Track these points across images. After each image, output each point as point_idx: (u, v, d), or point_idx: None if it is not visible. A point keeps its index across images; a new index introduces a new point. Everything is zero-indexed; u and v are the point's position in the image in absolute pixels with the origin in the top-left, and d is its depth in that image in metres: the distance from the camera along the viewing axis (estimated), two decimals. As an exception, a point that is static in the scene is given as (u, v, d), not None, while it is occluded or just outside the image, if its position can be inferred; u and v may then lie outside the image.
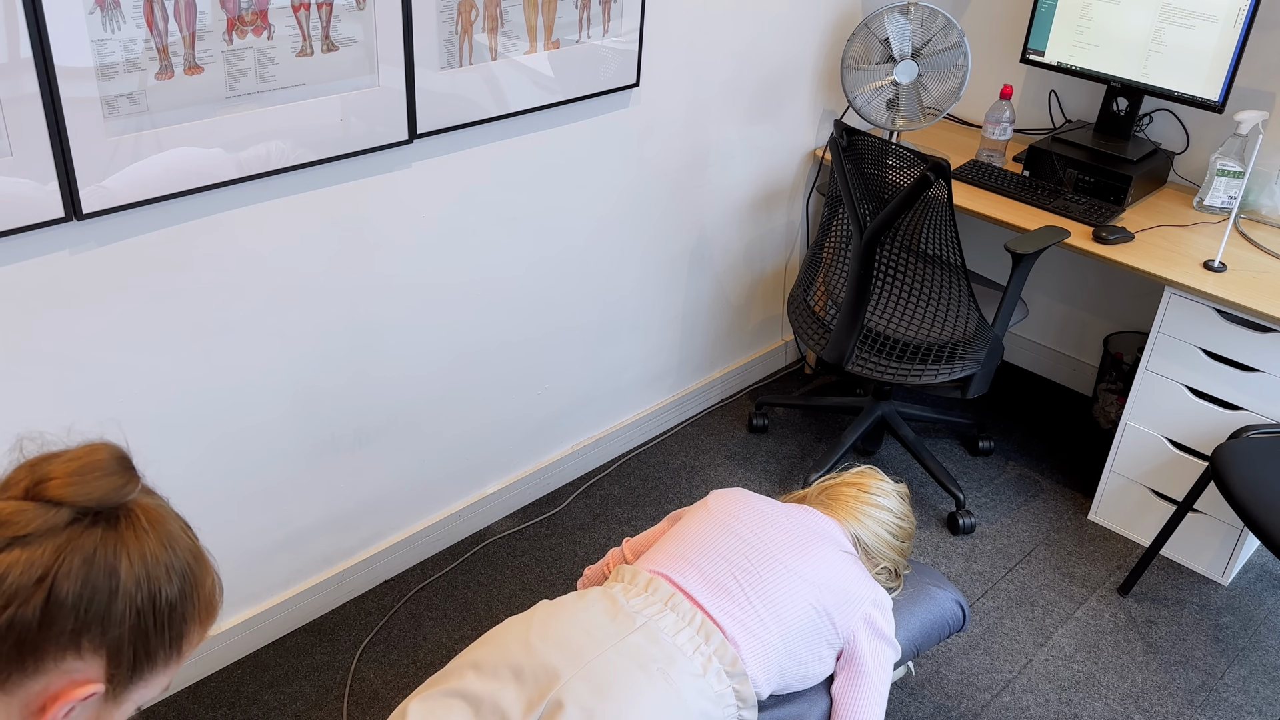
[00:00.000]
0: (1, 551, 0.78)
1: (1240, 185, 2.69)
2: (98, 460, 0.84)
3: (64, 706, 0.80)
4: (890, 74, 2.82)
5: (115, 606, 0.80)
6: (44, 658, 0.79)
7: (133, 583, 0.82)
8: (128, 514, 0.83)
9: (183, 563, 0.85)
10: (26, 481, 0.83)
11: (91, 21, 1.58)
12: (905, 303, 2.60)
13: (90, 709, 0.84)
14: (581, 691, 1.43)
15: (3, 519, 0.80)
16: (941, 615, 1.96)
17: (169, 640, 0.85)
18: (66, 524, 0.81)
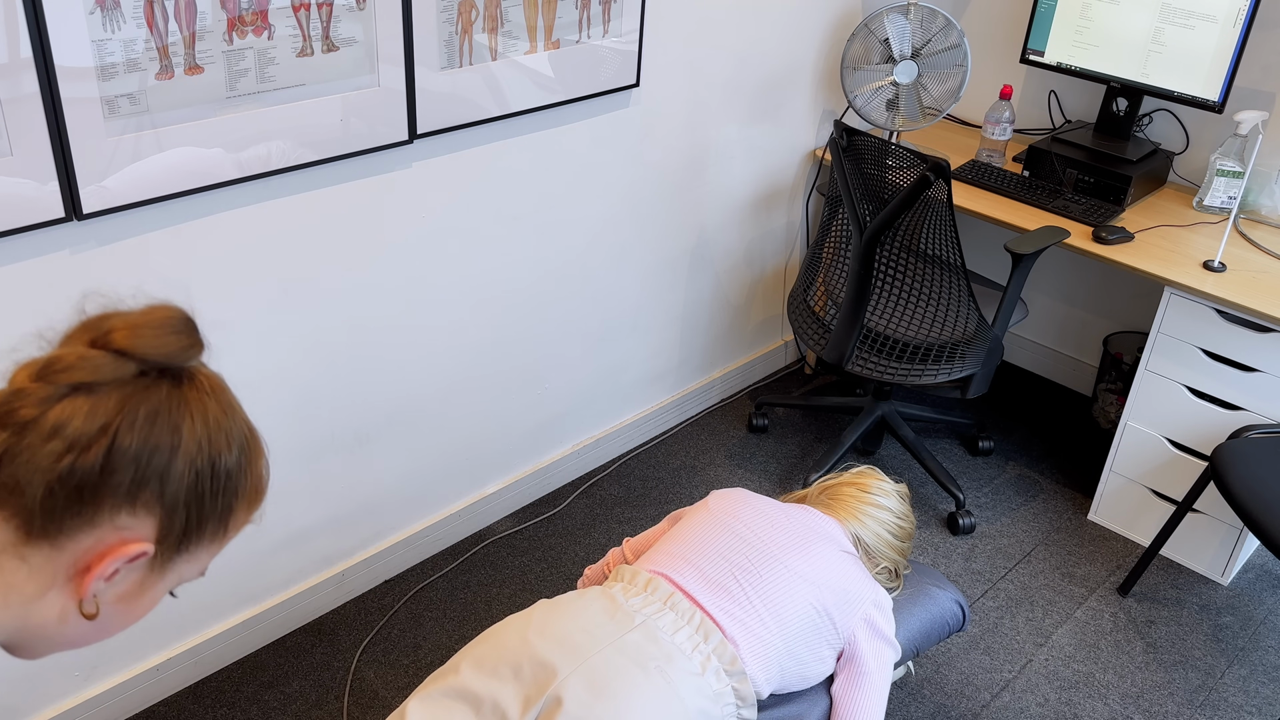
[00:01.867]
0: (64, 398, 0.77)
1: (1240, 185, 2.69)
2: (166, 317, 0.81)
3: (111, 563, 0.79)
4: (890, 74, 2.82)
5: (175, 464, 0.79)
6: (100, 509, 0.78)
7: (194, 443, 0.81)
8: (191, 376, 0.82)
9: (241, 433, 0.84)
10: (92, 333, 0.80)
11: (91, 21, 1.58)
12: (905, 303, 2.60)
13: (135, 574, 0.82)
14: (580, 689, 1.43)
15: (66, 365, 0.77)
16: (941, 615, 1.96)
17: (220, 510, 0.84)
18: (133, 376, 0.79)
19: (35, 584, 0.79)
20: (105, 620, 0.84)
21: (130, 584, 0.83)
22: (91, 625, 0.84)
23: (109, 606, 0.83)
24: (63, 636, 0.83)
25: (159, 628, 2.15)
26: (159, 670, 2.17)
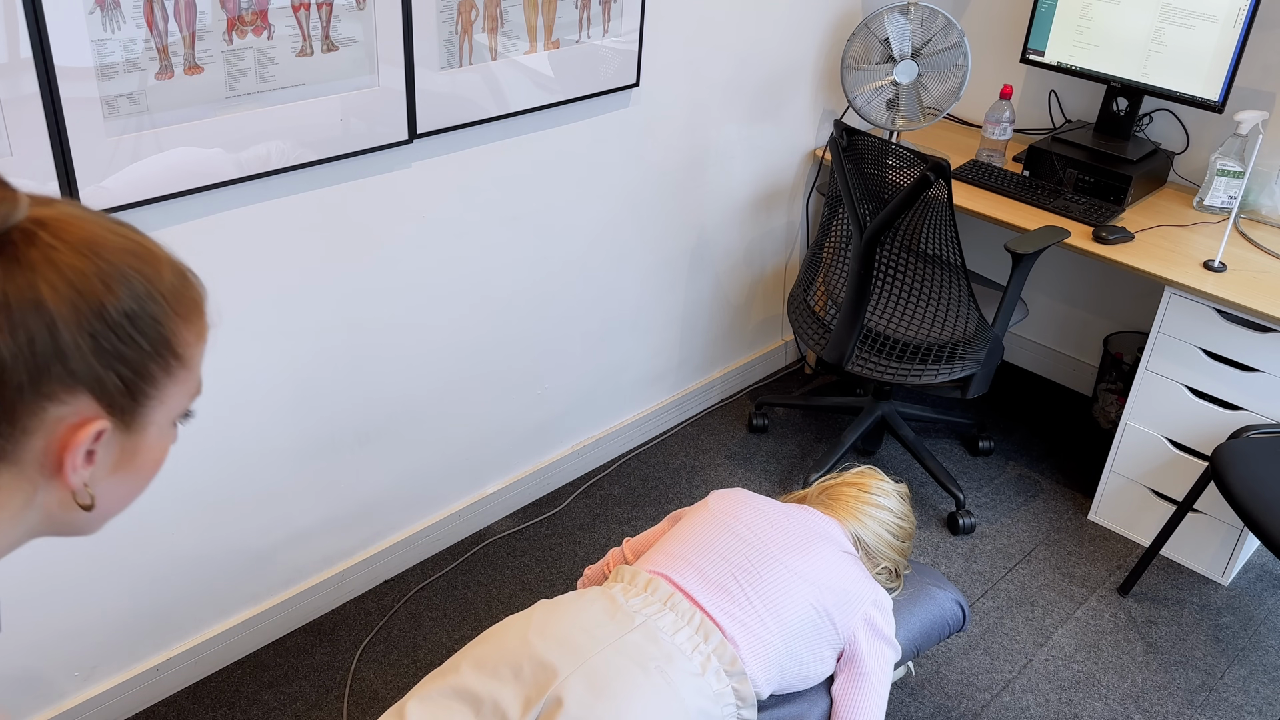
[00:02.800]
0: None
1: (1240, 185, 2.69)
2: None
3: (76, 453, 0.72)
4: (890, 74, 2.82)
5: (62, 339, 0.69)
6: (19, 418, 0.70)
7: (67, 308, 0.69)
8: (25, 236, 0.68)
9: (118, 266, 0.72)
10: None
11: (91, 21, 1.58)
12: (905, 303, 2.60)
13: (110, 446, 0.76)
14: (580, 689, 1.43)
15: None
16: (941, 615, 1.96)
17: (151, 350, 0.74)
18: None
19: (19, 496, 0.74)
20: (115, 491, 0.79)
21: (113, 456, 0.76)
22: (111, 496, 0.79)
23: (106, 483, 0.78)
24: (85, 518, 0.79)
25: (159, 628, 2.15)
26: (158, 670, 2.17)
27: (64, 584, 1.96)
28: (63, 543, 1.92)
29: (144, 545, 2.05)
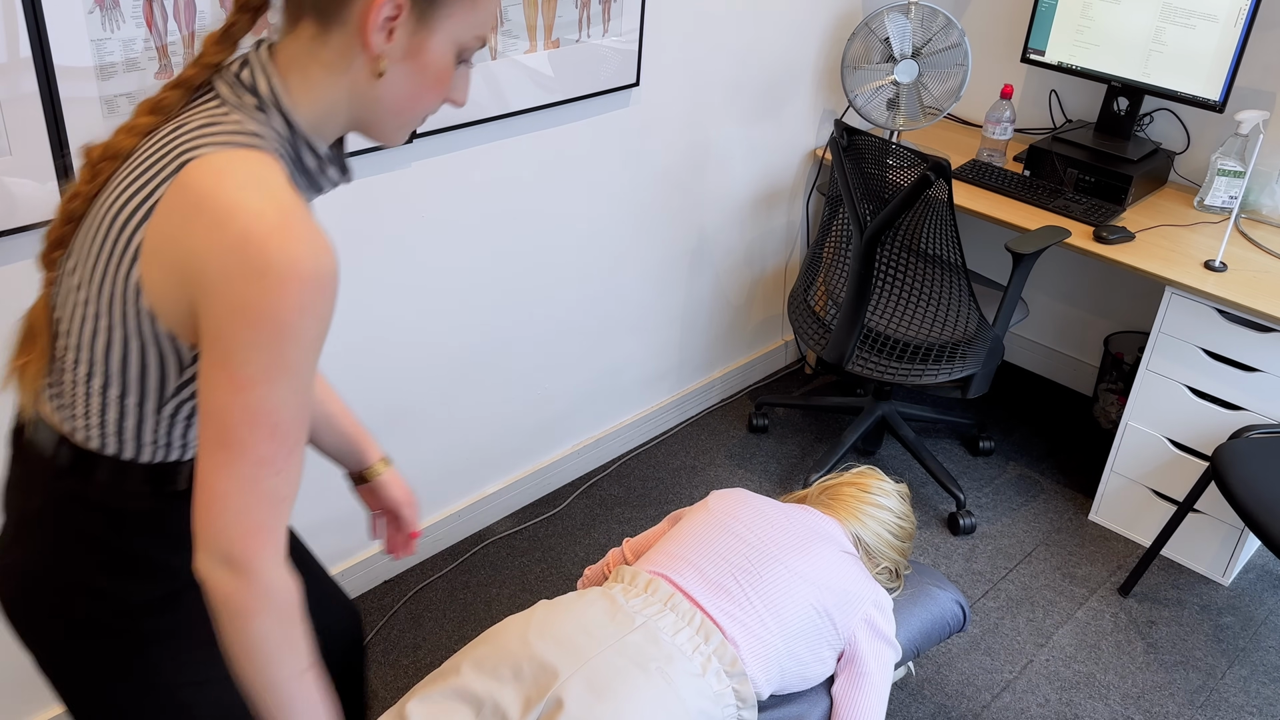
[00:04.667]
0: None
1: (1241, 185, 2.69)
2: None
3: (379, 13, 0.97)
4: (891, 73, 2.82)
5: None
6: None
7: None
8: None
9: None
10: None
11: (91, 21, 1.58)
12: (905, 303, 2.60)
13: (405, 30, 1.00)
14: (580, 690, 1.43)
15: None
16: (942, 615, 1.96)
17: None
18: None
19: (345, 57, 1.01)
20: (401, 83, 1.03)
21: (405, 42, 1.01)
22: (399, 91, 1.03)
23: (397, 67, 1.02)
24: (386, 98, 1.03)
25: (158, 628, 2.14)
26: (158, 670, 2.16)
27: (63, 584, 1.96)
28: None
29: (143, 545, 2.04)
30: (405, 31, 1.00)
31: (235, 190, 0.95)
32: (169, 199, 0.98)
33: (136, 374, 1.05)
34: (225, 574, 1.00)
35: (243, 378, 0.96)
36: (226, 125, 1.01)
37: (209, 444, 0.98)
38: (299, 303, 0.95)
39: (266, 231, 0.94)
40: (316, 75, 1.02)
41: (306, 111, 1.04)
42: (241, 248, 0.94)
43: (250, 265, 0.93)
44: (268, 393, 0.97)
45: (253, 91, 1.03)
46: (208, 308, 0.96)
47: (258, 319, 0.94)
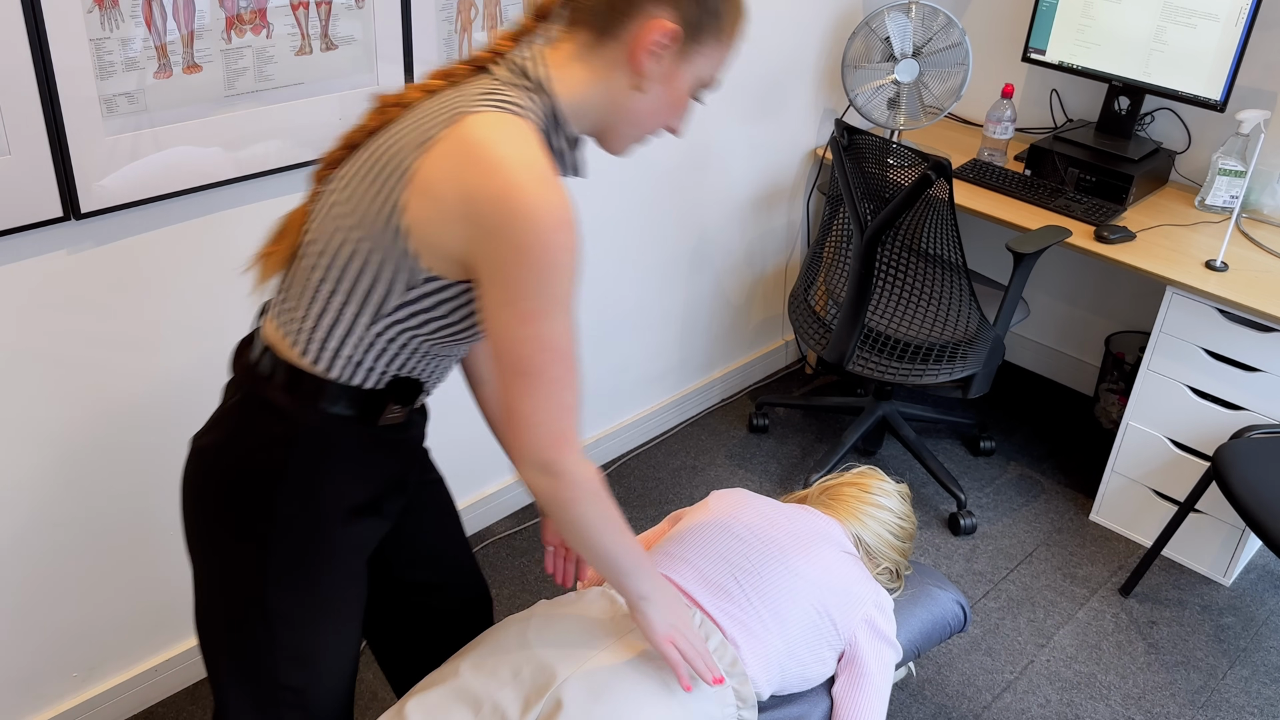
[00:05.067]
0: None
1: (1242, 185, 2.69)
2: None
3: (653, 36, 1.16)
4: (891, 73, 2.81)
5: None
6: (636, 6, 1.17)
7: None
8: None
9: None
10: None
11: (90, 20, 1.58)
12: (906, 302, 2.59)
13: (668, 57, 1.20)
14: (579, 690, 1.43)
15: None
16: (942, 616, 1.96)
17: (711, 10, 1.19)
18: None
19: (610, 67, 1.20)
20: (649, 104, 1.23)
21: (667, 65, 1.20)
22: (651, 105, 1.23)
23: (655, 86, 1.22)
24: (634, 110, 1.23)
25: (159, 628, 2.14)
26: (157, 671, 2.16)
27: (64, 584, 1.95)
28: (62, 542, 1.92)
29: (144, 545, 2.04)
30: (668, 58, 1.20)
31: (504, 144, 1.12)
32: (444, 141, 1.14)
33: (366, 285, 1.20)
34: (543, 478, 1.22)
35: (527, 312, 1.14)
36: (501, 95, 1.18)
37: (508, 374, 1.18)
38: (563, 242, 1.12)
39: (531, 182, 1.11)
40: (581, 77, 1.21)
41: (565, 104, 1.21)
42: (511, 196, 1.10)
43: (521, 213, 1.10)
44: (550, 323, 1.15)
45: (525, 75, 1.20)
46: (485, 252, 1.13)
47: (535, 260, 1.12)
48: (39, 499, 1.86)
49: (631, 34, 1.18)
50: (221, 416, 1.33)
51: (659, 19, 1.17)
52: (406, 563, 1.59)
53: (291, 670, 1.37)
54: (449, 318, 1.24)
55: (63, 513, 1.90)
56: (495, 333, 1.16)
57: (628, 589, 1.38)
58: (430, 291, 1.20)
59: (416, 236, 1.16)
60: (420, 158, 1.15)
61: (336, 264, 1.21)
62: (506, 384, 1.18)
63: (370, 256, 1.19)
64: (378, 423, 1.31)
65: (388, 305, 1.21)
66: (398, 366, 1.28)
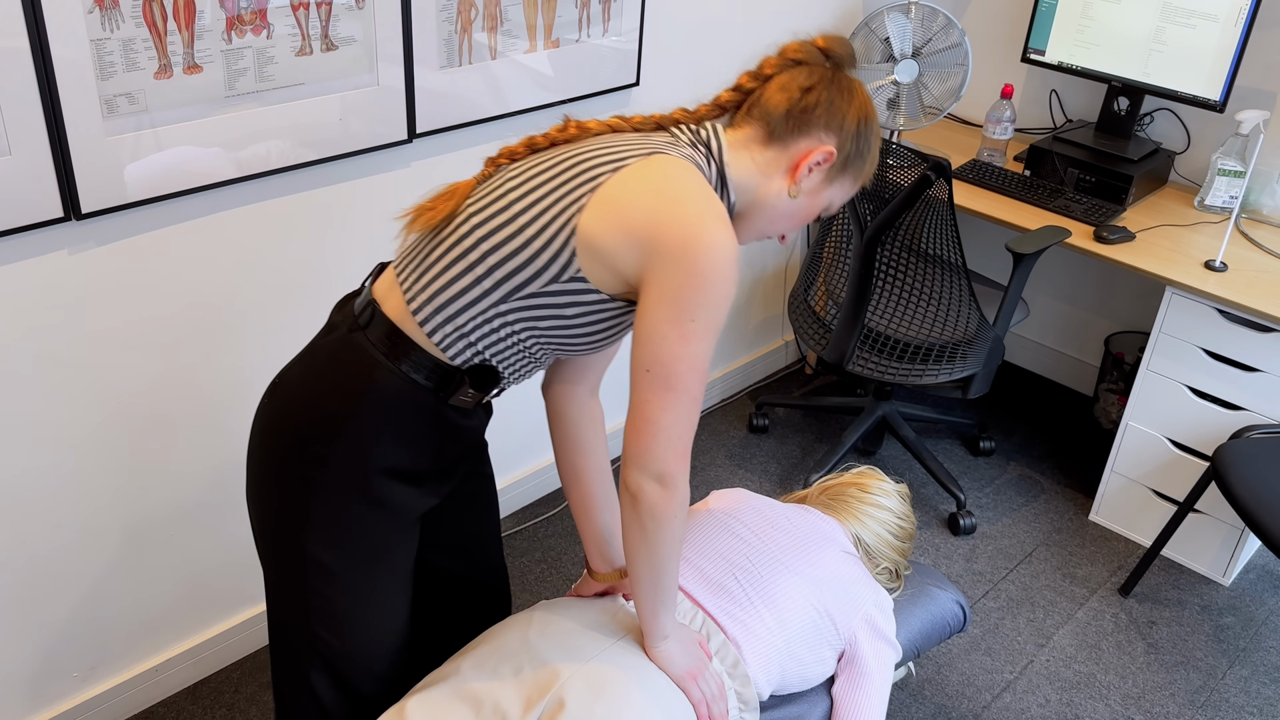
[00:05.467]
0: (788, 68, 1.38)
1: (1241, 185, 2.69)
2: (845, 40, 1.39)
3: (816, 156, 1.35)
4: (891, 73, 2.81)
5: (849, 113, 1.36)
6: (811, 128, 1.35)
7: (858, 105, 1.37)
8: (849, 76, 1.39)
9: (870, 110, 1.39)
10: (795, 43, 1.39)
11: (90, 21, 1.58)
12: (906, 303, 2.60)
13: (819, 176, 1.38)
14: (581, 690, 1.43)
15: (792, 49, 1.38)
16: (942, 616, 1.96)
17: (861, 152, 1.38)
18: (823, 62, 1.39)
19: (771, 166, 1.37)
20: (795, 206, 1.39)
21: (815, 182, 1.38)
22: (790, 207, 1.39)
23: (801, 196, 1.38)
24: (775, 208, 1.39)
25: (159, 628, 2.14)
26: (158, 671, 2.17)
27: (64, 584, 1.96)
28: (62, 542, 1.92)
29: (144, 546, 2.05)
30: (818, 176, 1.38)
31: (690, 184, 1.26)
32: (638, 166, 1.27)
33: (515, 265, 1.29)
34: (657, 487, 1.29)
35: (690, 333, 1.24)
36: (685, 150, 1.33)
37: (656, 387, 1.26)
38: (732, 277, 1.25)
39: (715, 220, 1.24)
40: (744, 164, 1.37)
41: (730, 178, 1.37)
42: (697, 227, 1.22)
43: (704, 245, 1.22)
44: (703, 345, 1.26)
45: (704, 145, 1.36)
46: (661, 272, 1.23)
47: (706, 286, 1.23)
48: (39, 499, 1.86)
49: (800, 148, 1.36)
50: (309, 352, 1.40)
51: (827, 145, 1.35)
52: (438, 547, 1.62)
53: (322, 623, 1.42)
54: (572, 322, 1.32)
55: (63, 513, 1.90)
56: (653, 347, 1.25)
57: (659, 622, 1.44)
58: (570, 291, 1.29)
59: (583, 239, 1.26)
60: (612, 175, 1.27)
61: (492, 239, 1.29)
62: (648, 396, 1.26)
63: (532, 242, 1.27)
64: (448, 400, 1.36)
65: (525, 290, 1.29)
66: (495, 353, 1.35)
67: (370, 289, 1.39)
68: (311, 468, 1.35)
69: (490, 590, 1.71)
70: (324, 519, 1.37)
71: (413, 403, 1.34)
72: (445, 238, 1.33)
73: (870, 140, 1.40)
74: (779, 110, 1.35)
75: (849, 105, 1.37)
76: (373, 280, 1.42)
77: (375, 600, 1.43)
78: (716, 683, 1.51)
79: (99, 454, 1.90)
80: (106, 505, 1.95)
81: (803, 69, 1.37)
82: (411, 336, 1.33)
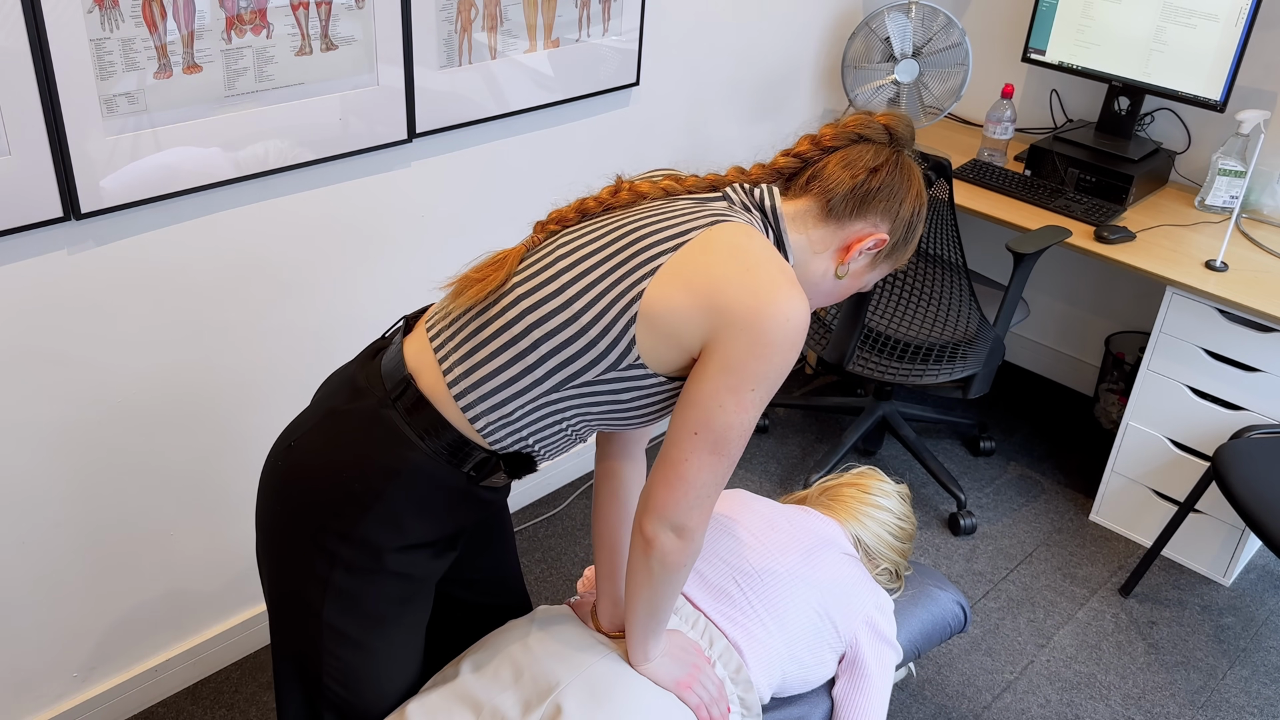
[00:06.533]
0: (853, 143, 1.34)
1: (1242, 185, 2.69)
2: (909, 122, 1.37)
3: (870, 241, 1.33)
4: (891, 73, 2.81)
5: (905, 200, 1.34)
6: (869, 212, 1.32)
7: (914, 193, 1.35)
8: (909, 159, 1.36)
9: (924, 199, 1.37)
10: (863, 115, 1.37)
11: (90, 20, 1.57)
12: (906, 302, 2.59)
13: (866, 259, 1.36)
14: (581, 695, 1.43)
15: (856, 123, 1.35)
16: (942, 616, 1.95)
17: (905, 241, 1.37)
18: (886, 141, 1.35)
19: (821, 244, 1.34)
20: (839, 285, 1.37)
21: (861, 265, 1.37)
22: (831, 286, 1.37)
23: (847, 276, 1.36)
24: (820, 285, 1.36)
25: (158, 628, 2.14)
26: (157, 671, 2.16)
27: (64, 584, 1.95)
28: (62, 542, 1.91)
29: (144, 546, 2.04)
30: (864, 259, 1.36)
31: (761, 250, 1.23)
32: (700, 241, 1.23)
33: (568, 354, 1.24)
34: (673, 538, 1.28)
35: (747, 402, 1.22)
36: (744, 217, 1.30)
37: (700, 448, 1.23)
38: (798, 345, 1.22)
39: (787, 288, 1.21)
40: (796, 234, 1.33)
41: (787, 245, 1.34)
42: (769, 295, 1.19)
43: (776, 313, 1.19)
44: (755, 414, 1.23)
45: (761, 209, 1.32)
46: (726, 340, 1.20)
47: (772, 356, 1.20)
48: (39, 499, 1.86)
49: (855, 231, 1.33)
50: (333, 417, 1.33)
51: (880, 232, 1.33)
52: (460, 583, 1.62)
53: (336, 679, 1.40)
54: (627, 404, 1.29)
55: (63, 513, 1.90)
56: (706, 413, 1.22)
57: (645, 648, 1.45)
58: (628, 377, 1.25)
59: (646, 323, 1.22)
60: (673, 255, 1.22)
61: (546, 326, 1.24)
62: (689, 455, 1.24)
63: (588, 330, 1.23)
64: (481, 483, 1.33)
65: (579, 379, 1.25)
66: (540, 438, 1.31)
67: (402, 352, 1.32)
68: (334, 541, 1.31)
69: (514, 615, 1.71)
70: (344, 591, 1.34)
71: (444, 485, 1.31)
72: (491, 314, 1.27)
73: (918, 229, 1.37)
74: (842, 189, 1.31)
75: (908, 193, 1.34)
76: (402, 336, 1.35)
77: (390, 657, 1.42)
78: (715, 684, 1.50)
79: (98, 454, 1.90)
80: (106, 505, 1.95)
81: (869, 147, 1.33)
82: (449, 418, 1.28)
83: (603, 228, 1.29)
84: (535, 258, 1.29)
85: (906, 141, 1.36)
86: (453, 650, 1.69)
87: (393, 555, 1.33)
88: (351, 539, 1.30)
